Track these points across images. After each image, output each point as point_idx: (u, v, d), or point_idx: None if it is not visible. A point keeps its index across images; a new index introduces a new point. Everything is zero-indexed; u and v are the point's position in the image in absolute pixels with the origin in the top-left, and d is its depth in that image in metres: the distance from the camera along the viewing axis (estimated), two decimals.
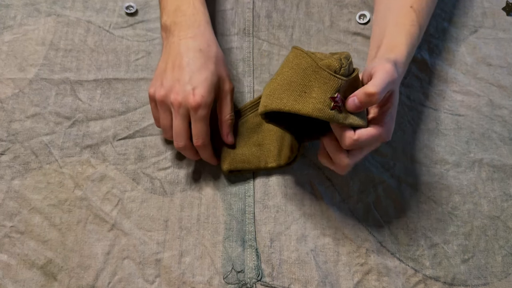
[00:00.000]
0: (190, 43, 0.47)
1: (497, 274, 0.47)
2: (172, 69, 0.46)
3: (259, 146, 0.51)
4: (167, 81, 0.46)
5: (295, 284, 0.47)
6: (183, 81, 0.45)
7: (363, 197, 0.51)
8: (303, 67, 0.40)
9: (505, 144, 0.54)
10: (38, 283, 0.47)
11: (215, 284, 0.47)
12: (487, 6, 0.63)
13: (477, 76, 0.58)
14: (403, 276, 0.47)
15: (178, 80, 0.45)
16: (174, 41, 0.48)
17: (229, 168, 0.50)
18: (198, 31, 0.48)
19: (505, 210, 0.50)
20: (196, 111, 0.44)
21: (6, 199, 0.50)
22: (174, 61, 0.46)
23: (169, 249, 0.48)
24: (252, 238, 0.49)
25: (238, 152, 0.50)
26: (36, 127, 0.54)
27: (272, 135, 0.52)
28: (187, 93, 0.44)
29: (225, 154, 0.50)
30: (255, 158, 0.50)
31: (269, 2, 0.62)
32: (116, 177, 0.51)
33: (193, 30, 0.48)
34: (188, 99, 0.44)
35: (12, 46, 0.59)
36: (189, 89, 0.44)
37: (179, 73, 0.45)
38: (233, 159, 0.50)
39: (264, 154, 0.51)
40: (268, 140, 0.51)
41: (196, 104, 0.44)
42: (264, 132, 0.52)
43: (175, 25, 0.48)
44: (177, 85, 0.45)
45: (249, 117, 0.53)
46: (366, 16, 0.61)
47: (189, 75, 0.45)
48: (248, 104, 0.53)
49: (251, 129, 0.52)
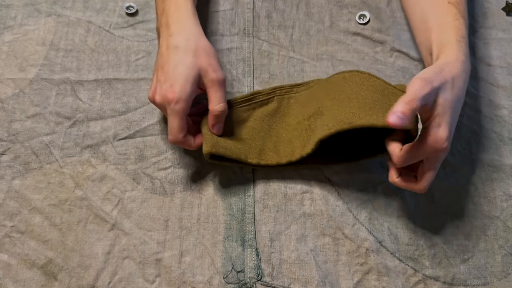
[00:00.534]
0: (169, 42, 0.47)
1: (496, 274, 0.48)
2: (156, 71, 0.48)
3: (240, 140, 0.51)
4: (153, 84, 0.48)
5: (295, 284, 0.47)
6: (162, 81, 0.46)
7: (363, 197, 0.51)
8: (380, 89, 0.46)
9: (504, 144, 0.54)
10: (39, 283, 0.47)
11: (215, 283, 0.47)
12: (487, 7, 0.63)
13: (477, 76, 0.58)
14: (403, 276, 0.47)
15: (159, 81, 0.47)
16: (160, 43, 0.49)
17: (210, 151, 0.46)
18: (177, 28, 0.48)
19: (504, 210, 0.50)
20: (170, 105, 0.45)
21: (7, 199, 0.50)
22: (158, 63, 0.48)
23: (169, 249, 0.48)
24: (252, 238, 0.49)
25: (221, 139, 0.49)
26: (37, 127, 0.54)
27: (255, 134, 0.51)
28: (164, 91, 0.45)
29: (207, 137, 0.48)
30: (236, 149, 0.49)
31: (269, 2, 0.62)
32: (117, 177, 0.51)
33: (173, 28, 0.48)
34: (166, 96, 0.45)
35: (13, 46, 0.59)
36: (166, 87, 0.45)
37: (160, 74, 0.47)
38: (216, 142, 0.47)
39: (245, 149, 0.50)
40: (251, 136, 0.51)
41: (170, 99, 0.45)
42: (248, 129, 0.52)
43: (161, 27, 0.50)
44: (158, 86, 0.46)
45: (237, 110, 0.52)
46: (366, 16, 0.61)
47: (166, 74, 0.46)
48: (237, 98, 0.52)
49: (236, 123, 0.52)
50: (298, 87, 0.54)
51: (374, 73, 0.57)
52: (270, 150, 0.51)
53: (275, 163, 0.50)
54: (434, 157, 0.42)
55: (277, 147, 0.51)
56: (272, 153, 0.51)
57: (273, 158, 0.50)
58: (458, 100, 0.43)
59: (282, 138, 0.51)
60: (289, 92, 0.54)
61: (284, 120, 0.53)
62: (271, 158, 0.50)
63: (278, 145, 0.51)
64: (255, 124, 0.52)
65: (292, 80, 0.57)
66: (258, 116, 0.53)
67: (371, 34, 0.60)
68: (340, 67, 0.58)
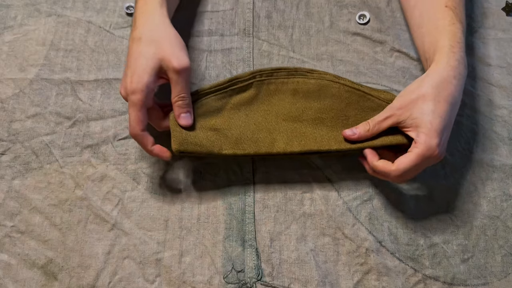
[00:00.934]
0: (134, 35, 0.47)
1: (496, 274, 0.48)
2: (125, 66, 0.48)
3: (215, 130, 0.48)
4: (122, 79, 0.48)
5: (295, 284, 0.47)
6: (125, 75, 0.46)
7: (363, 197, 0.51)
8: (368, 105, 0.51)
9: (504, 144, 0.54)
10: (39, 282, 0.47)
11: (215, 283, 0.47)
12: (487, 7, 0.63)
13: (476, 76, 0.58)
14: (403, 276, 0.47)
15: (125, 74, 0.47)
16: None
17: (178, 149, 0.46)
18: (143, 20, 0.48)
19: (504, 210, 0.50)
20: (128, 97, 0.45)
21: (7, 199, 0.50)
22: (126, 57, 0.48)
23: (169, 249, 0.48)
24: (252, 237, 0.49)
25: (191, 134, 0.47)
26: (37, 127, 0.54)
27: (232, 122, 0.49)
28: (126, 83, 0.45)
29: (176, 134, 0.46)
30: (209, 142, 0.47)
31: (269, 2, 0.62)
32: (117, 177, 0.51)
33: (139, 21, 0.48)
34: (126, 88, 0.45)
35: (13, 46, 0.59)
36: (127, 79, 0.45)
37: (126, 68, 0.47)
38: (184, 139, 0.46)
39: (220, 140, 0.48)
40: (227, 126, 0.49)
41: (128, 91, 0.45)
42: (224, 118, 0.50)
43: (133, 22, 0.49)
44: (123, 79, 0.47)
45: (209, 99, 0.50)
46: (366, 16, 0.61)
47: (129, 67, 0.46)
48: (208, 87, 0.50)
49: (210, 112, 0.50)
50: (279, 72, 0.52)
51: (374, 73, 0.57)
52: (248, 139, 0.48)
53: (253, 153, 0.48)
54: (426, 163, 0.44)
55: (255, 136, 0.49)
56: (250, 142, 0.48)
57: (251, 148, 0.48)
58: (446, 106, 0.44)
59: (261, 126, 0.50)
60: (269, 76, 0.52)
61: (263, 108, 0.51)
62: (249, 148, 0.48)
63: (257, 133, 0.49)
64: (231, 112, 0.50)
65: None
66: (234, 104, 0.50)
67: (371, 34, 0.60)
68: (340, 67, 0.58)
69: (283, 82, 0.52)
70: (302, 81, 0.51)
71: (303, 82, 0.51)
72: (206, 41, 0.60)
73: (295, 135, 0.49)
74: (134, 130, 0.45)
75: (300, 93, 0.51)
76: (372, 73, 0.57)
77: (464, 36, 0.49)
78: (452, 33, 0.48)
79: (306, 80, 0.51)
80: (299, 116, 0.50)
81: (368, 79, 0.57)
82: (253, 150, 0.48)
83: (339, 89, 0.51)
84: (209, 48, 0.59)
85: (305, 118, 0.50)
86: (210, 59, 0.58)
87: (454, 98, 0.45)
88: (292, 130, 0.49)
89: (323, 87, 0.51)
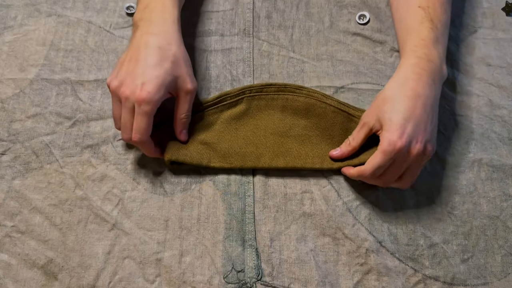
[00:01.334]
0: (151, 39, 0.47)
1: (496, 274, 0.48)
2: (128, 62, 0.47)
3: (205, 144, 0.51)
4: (121, 73, 0.46)
5: (295, 284, 0.47)
6: (135, 75, 0.45)
7: (363, 197, 0.51)
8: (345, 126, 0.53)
9: (504, 144, 0.54)
10: (39, 282, 0.47)
11: (215, 283, 0.47)
12: (487, 7, 0.63)
13: (476, 76, 0.58)
14: (403, 276, 0.47)
15: (131, 73, 0.46)
16: (137, 35, 0.48)
17: (170, 159, 0.49)
18: (161, 29, 0.48)
19: (504, 210, 0.51)
20: (139, 105, 0.45)
21: (7, 199, 0.50)
22: (132, 54, 0.47)
23: (169, 249, 0.48)
24: (252, 237, 0.49)
25: (183, 146, 0.50)
26: (37, 127, 0.54)
27: (222, 137, 0.52)
28: (135, 87, 0.45)
29: (168, 145, 0.50)
30: (198, 155, 0.50)
31: (269, 2, 0.62)
32: (117, 177, 0.51)
33: (156, 27, 0.48)
34: (135, 93, 0.45)
35: (13, 46, 0.59)
36: (138, 83, 0.45)
37: (133, 67, 0.46)
38: (176, 150, 0.50)
39: (209, 153, 0.51)
40: (216, 140, 0.52)
41: (140, 98, 0.44)
42: (214, 132, 0.52)
43: (141, 21, 0.49)
44: (128, 78, 0.46)
45: (202, 114, 0.52)
46: (366, 17, 0.61)
47: (142, 70, 0.45)
48: (204, 101, 0.53)
49: (202, 126, 0.52)
50: (268, 88, 0.54)
51: (374, 73, 0.57)
52: (235, 153, 0.51)
53: (239, 166, 0.51)
54: (402, 159, 0.45)
55: (243, 150, 0.51)
56: (237, 156, 0.51)
57: (238, 161, 0.51)
58: (406, 101, 0.45)
59: (249, 141, 0.52)
60: (259, 92, 0.54)
61: (253, 123, 0.53)
62: (236, 161, 0.51)
63: (244, 148, 0.51)
64: (221, 127, 0.52)
65: (292, 80, 0.57)
66: (225, 119, 0.53)
67: (371, 34, 0.60)
68: (340, 67, 0.58)
69: (272, 98, 0.54)
70: (291, 98, 0.53)
71: (292, 99, 0.53)
72: (206, 41, 0.60)
73: (281, 150, 0.52)
74: (143, 137, 0.46)
75: (289, 110, 0.53)
76: (372, 73, 0.58)
77: (436, 32, 0.49)
78: (418, 32, 0.49)
79: (295, 97, 0.53)
80: (286, 132, 0.53)
81: (368, 79, 0.57)
82: (239, 164, 0.51)
83: (325, 109, 0.52)
84: (209, 48, 0.59)
85: (292, 134, 0.52)
86: (210, 59, 0.59)
87: (415, 92, 0.46)
88: (278, 146, 0.52)
89: (311, 105, 0.53)
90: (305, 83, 0.57)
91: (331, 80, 0.57)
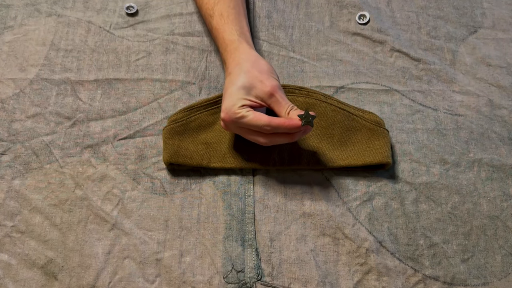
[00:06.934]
0: (227, 80, 0.48)
1: (496, 274, 0.48)
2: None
3: (206, 144, 0.52)
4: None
5: (295, 284, 0.47)
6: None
7: (363, 197, 0.51)
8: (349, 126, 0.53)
9: (504, 144, 0.54)
10: (39, 282, 0.47)
11: (215, 283, 0.47)
12: (487, 7, 0.63)
13: (476, 76, 0.58)
14: (403, 276, 0.47)
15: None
16: (228, 64, 0.50)
17: (169, 161, 0.50)
18: (233, 66, 0.48)
19: (504, 210, 0.51)
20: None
21: (7, 199, 0.50)
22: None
23: (169, 249, 0.48)
24: (252, 237, 0.49)
25: (182, 147, 0.51)
26: (37, 127, 0.54)
27: (223, 137, 0.52)
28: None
29: (168, 146, 0.50)
30: (198, 156, 0.51)
31: (269, 2, 0.62)
32: (117, 177, 0.51)
33: (229, 67, 0.49)
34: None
35: (13, 46, 0.59)
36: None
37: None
38: (175, 152, 0.50)
39: (209, 153, 0.51)
40: (217, 140, 0.52)
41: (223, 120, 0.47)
42: (215, 132, 0.52)
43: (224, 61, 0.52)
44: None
45: (202, 114, 0.53)
46: (366, 17, 0.61)
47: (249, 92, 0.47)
48: (199, 103, 0.53)
49: (202, 127, 0.52)
50: None
51: (374, 73, 0.57)
52: (235, 153, 0.52)
53: (239, 166, 0.51)
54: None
55: (243, 150, 0.52)
56: (237, 156, 0.51)
57: (237, 162, 0.51)
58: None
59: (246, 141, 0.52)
60: None
61: None
62: (236, 161, 0.51)
63: (244, 148, 0.52)
64: (221, 127, 0.52)
65: (292, 80, 0.57)
66: None
67: (371, 34, 0.60)
68: (340, 67, 0.58)
69: None
70: (291, 98, 0.53)
71: (292, 100, 0.53)
72: (206, 41, 0.60)
73: (281, 150, 0.52)
74: (264, 140, 0.46)
75: None
76: (372, 73, 0.58)
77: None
78: None
79: (295, 97, 0.53)
80: None
81: (368, 79, 0.57)
82: (239, 164, 0.51)
83: (326, 108, 0.52)
84: (209, 48, 0.59)
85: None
86: (210, 59, 0.59)
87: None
88: (278, 145, 0.52)
89: (311, 105, 0.53)
90: (305, 83, 0.57)
91: (331, 80, 0.57)
